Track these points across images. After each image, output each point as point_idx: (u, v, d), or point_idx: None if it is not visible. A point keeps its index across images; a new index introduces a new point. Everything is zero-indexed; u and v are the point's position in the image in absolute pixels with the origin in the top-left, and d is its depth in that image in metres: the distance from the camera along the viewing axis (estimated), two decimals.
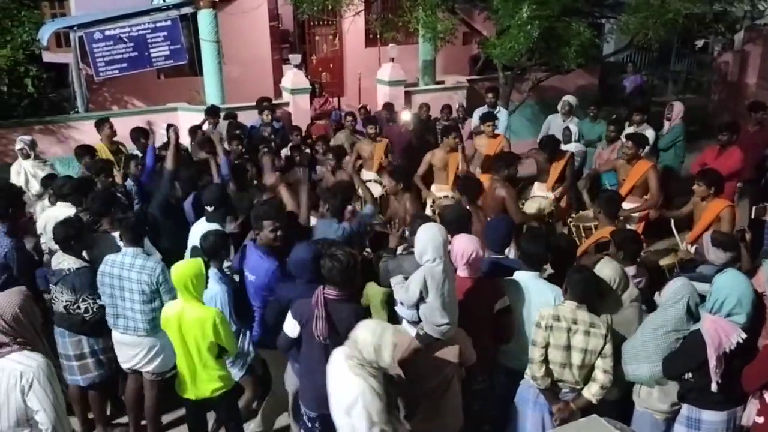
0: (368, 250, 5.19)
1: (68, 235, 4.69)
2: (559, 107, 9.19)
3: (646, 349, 3.91)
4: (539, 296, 4.16)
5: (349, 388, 3.27)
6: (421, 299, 3.61)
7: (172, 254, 5.18)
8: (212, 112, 8.71)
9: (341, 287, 3.80)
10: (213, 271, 4.57)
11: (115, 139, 7.71)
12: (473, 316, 3.94)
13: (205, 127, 8.42)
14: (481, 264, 4.16)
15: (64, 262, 4.73)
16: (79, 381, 4.92)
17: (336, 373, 3.39)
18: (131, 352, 4.74)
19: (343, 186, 5.72)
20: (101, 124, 7.71)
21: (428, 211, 7.00)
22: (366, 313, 3.96)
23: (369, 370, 3.28)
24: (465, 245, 3.97)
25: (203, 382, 4.21)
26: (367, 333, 3.28)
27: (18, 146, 7.29)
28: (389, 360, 3.27)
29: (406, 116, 9.22)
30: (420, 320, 3.72)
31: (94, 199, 5.37)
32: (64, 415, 3.43)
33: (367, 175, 8.03)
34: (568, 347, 3.89)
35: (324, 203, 5.55)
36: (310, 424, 4.08)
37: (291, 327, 3.94)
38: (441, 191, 7.37)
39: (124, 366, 4.86)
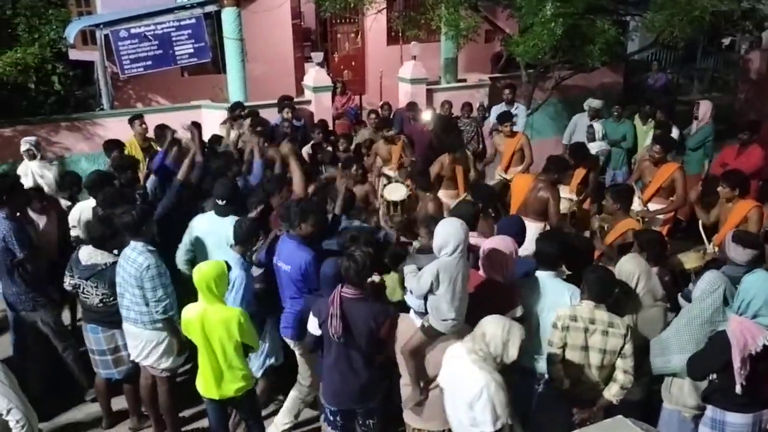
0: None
1: (104, 234, 4.77)
2: (585, 107, 9.13)
3: (679, 339, 3.89)
4: (556, 296, 4.14)
5: (473, 382, 3.32)
6: (431, 291, 3.65)
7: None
8: (235, 109, 8.73)
9: (358, 286, 3.85)
10: (236, 257, 4.61)
11: (148, 135, 7.79)
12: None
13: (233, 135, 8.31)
14: (506, 272, 4.14)
15: (95, 257, 4.79)
16: (115, 374, 5.03)
17: (457, 368, 3.44)
18: (134, 342, 4.79)
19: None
20: (134, 120, 7.83)
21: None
22: (383, 311, 3.93)
23: (493, 365, 3.35)
24: (498, 245, 3.98)
25: (227, 382, 4.25)
26: (496, 328, 3.37)
27: (24, 147, 7.34)
28: (515, 355, 3.36)
29: (427, 116, 9.19)
30: (426, 311, 3.74)
31: (104, 197, 5.46)
32: (28, 405, 3.47)
33: (388, 171, 8.04)
34: (585, 347, 3.88)
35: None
36: (332, 417, 4.19)
37: (313, 324, 4.02)
38: (449, 197, 7.19)
39: (132, 358, 4.89)
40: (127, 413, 5.34)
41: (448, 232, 3.65)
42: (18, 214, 5.38)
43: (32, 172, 7.28)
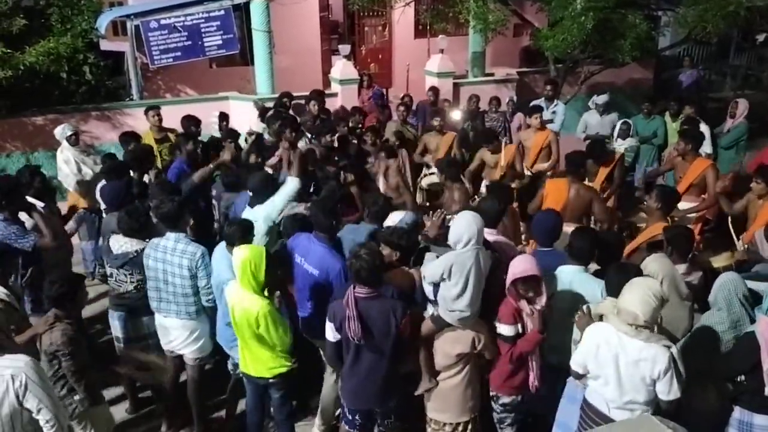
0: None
1: (132, 227, 4.81)
2: (591, 105, 9.04)
3: (701, 345, 3.84)
4: (583, 290, 4.10)
5: (659, 358, 3.36)
6: (441, 280, 3.68)
7: None
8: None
9: (370, 285, 3.79)
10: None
11: (164, 125, 7.85)
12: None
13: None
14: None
15: (126, 245, 4.83)
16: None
17: (631, 350, 3.43)
18: (172, 335, 4.81)
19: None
20: (148, 111, 7.87)
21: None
22: (400, 306, 3.89)
23: (658, 334, 3.45)
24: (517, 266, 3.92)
25: (261, 361, 4.22)
26: (635, 299, 3.39)
27: (68, 132, 7.40)
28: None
29: (456, 116, 9.14)
30: (436, 300, 3.76)
31: (102, 190, 5.52)
32: (61, 406, 3.49)
33: (432, 167, 8.03)
34: None
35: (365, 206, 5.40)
36: (350, 417, 4.16)
37: (330, 331, 3.94)
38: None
39: (165, 348, 4.91)
40: (149, 399, 5.41)
41: (461, 226, 3.70)
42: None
43: (74, 159, 7.37)
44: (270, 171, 6.34)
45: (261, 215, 5.05)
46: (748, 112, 8.32)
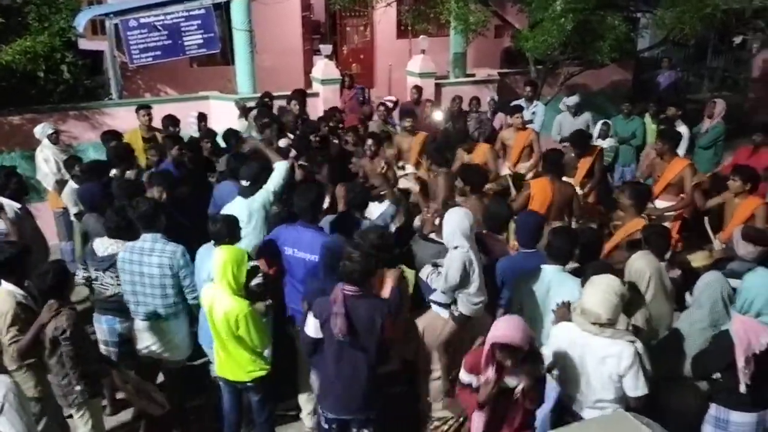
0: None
1: (120, 226, 4.75)
2: (562, 107, 9.12)
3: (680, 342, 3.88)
4: (562, 290, 4.11)
5: (624, 354, 3.39)
6: (464, 283, 3.70)
7: None
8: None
9: (360, 285, 3.78)
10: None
11: (153, 125, 7.81)
12: None
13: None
14: None
15: (112, 246, 4.76)
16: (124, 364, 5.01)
17: (595, 348, 3.46)
18: (150, 339, 4.74)
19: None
20: (139, 110, 7.86)
21: None
22: (385, 305, 3.90)
23: (624, 330, 3.50)
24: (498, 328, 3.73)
25: (239, 364, 4.21)
26: (598, 297, 3.42)
27: (49, 131, 7.37)
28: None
29: (438, 116, 9.16)
30: (448, 303, 3.76)
31: (82, 191, 5.47)
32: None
33: (407, 168, 8.02)
34: None
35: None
36: (326, 426, 4.08)
37: (312, 327, 3.90)
38: None
39: (143, 352, 4.82)
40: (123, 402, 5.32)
41: (455, 223, 3.74)
42: None
43: (54, 158, 7.28)
44: None
45: (256, 205, 5.05)
46: (725, 114, 8.44)
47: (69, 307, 4.03)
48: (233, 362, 4.23)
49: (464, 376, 3.57)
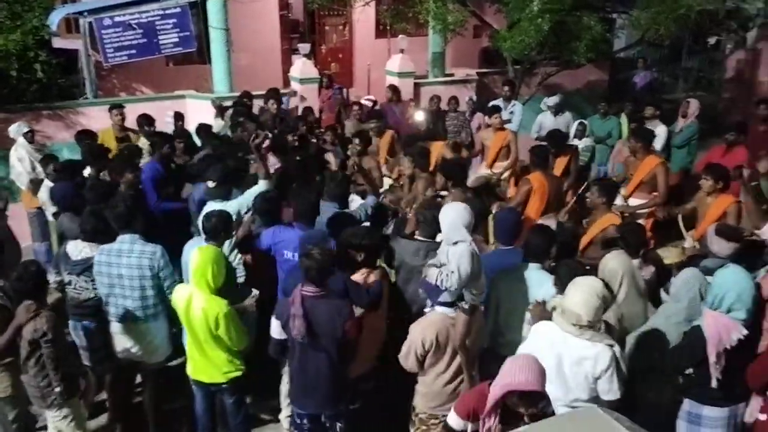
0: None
1: (96, 228, 4.68)
2: (543, 107, 9.20)
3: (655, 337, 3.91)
4: (539, 287, 4.14)
5: (601, 357, 3.40)
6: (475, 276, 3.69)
7: None
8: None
9: (318, 284, 3.78)
10: None
11: (126, 125, 7.73)
12: None
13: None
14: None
15: (86, 249, 4.68)
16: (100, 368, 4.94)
17: (574, 349, 3.45)
18: (129, 342, 4.67)
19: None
20: (111, 110, 7.76)
21: None
22: (346, 307, 3.87)
23: (602, 333, 3.47)
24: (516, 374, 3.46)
25: (216, 365, 4.18)
26: (581, 299, 3.41)
27: (24, 129, 7.26)
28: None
29: (419, 117, 9.17)
30: (454, 300, 3.72)
31: (55, 191, 5.41)
32: None
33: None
34: None
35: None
36: (299, 420, 4.11)
37: (276, 328, 3.92)
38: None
39: (122, 355, 4.75)
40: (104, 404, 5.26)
41: (454, 215, 3.73)
42: None
43: (29, 157, 7.17)
44: None
45: (232, 208, 5.01)
46: (699, 113, 8.54)
47: (49, 309, 3.98)
48: (209, 363, 4.20)
49: (454, 420, 3.22)
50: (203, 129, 7.54)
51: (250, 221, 5.04)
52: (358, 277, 4.30)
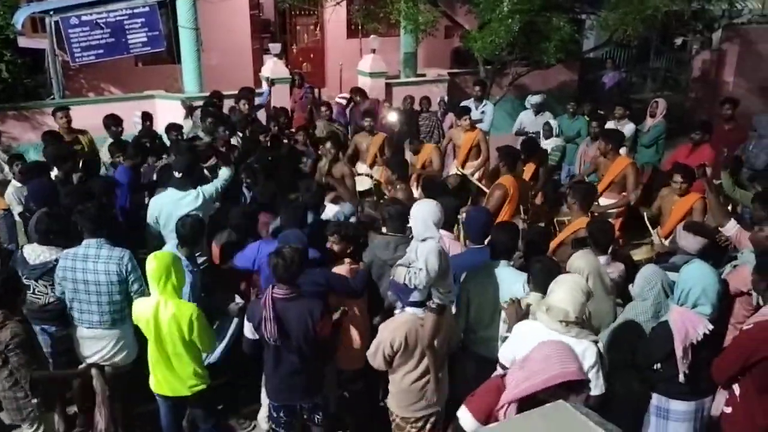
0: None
1: (50, 228, 4.59)
2: (527, 105, 9.29)
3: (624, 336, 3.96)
4: (510, 284, 4.18)
5: (588, 355, 3.39)
6: (443, 273, 3.69)
7: None
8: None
9: (289, 284, 3.77)
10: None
11: (81, 126, 7.57)
12: None
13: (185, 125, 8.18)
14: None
15: (44, 254, 4.57)
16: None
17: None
18: (96, 346, 4.57)
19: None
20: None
21: None
22: (318, 307, 3.87)
23: (587, 330, 3.49)
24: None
25: (180, 380, 4.15)
26: (565, 296, 3.42)
27: None
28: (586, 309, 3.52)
29: (392, 118, 9.19)
30: (423, 300, 3.73)
31: (28, 192, 5.32)
32: None
33: (360, 168, 8.00)
34: None
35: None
36: (275, 414, 4.14)
37: (248, 329, 3.95)
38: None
39: (88, 361, 4.63)
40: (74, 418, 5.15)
41: (424, 212, 3.73)
42: None
43: None
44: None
45: (205, 192, 5.25)
46: (667, 112, 8.69)
47: (17, 319, 3.88)
48: (174, 378, 4.17)
49: (469, 421, 2.97)
50: (173, 128, 7.45)
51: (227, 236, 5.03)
52: (342, 269, 4.38)
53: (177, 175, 5.23)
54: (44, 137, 7.12)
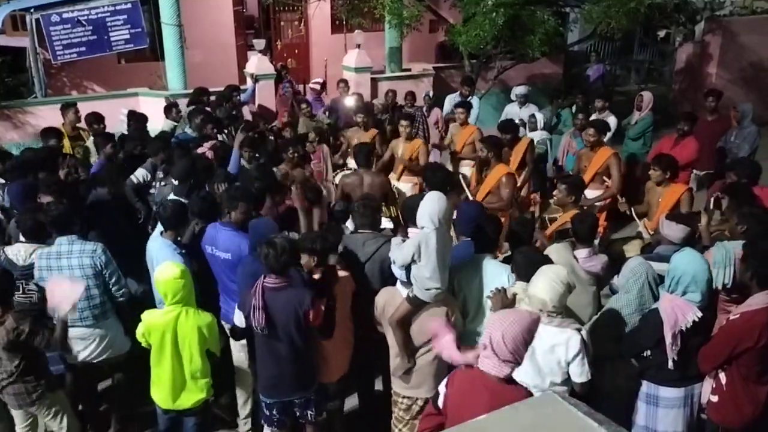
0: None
1: (37, 223, 4.55)
2: (513, 97, 9.30)
3: (609, 328, 3.99)
4: (495, 277, 4.19)
5: (571, 344, 3.53)
6: (413, 261, 3.71)
7: None
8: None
9: (279, 274, 3.79)
10: (167, 243, 4.52)
11: (78, 125, 7.51)
12: None
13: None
14: None
15: (26, 252, 4.53)
16: (61, 369, 4.78)
17: (544, 337, 3.47)
18: (82, 345, 4.55)
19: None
20: (67, 108, 7.50)
21: None
22: (308, 297, 3.87)
23: (568, 319, 3.63)
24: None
25: (188, 392, 4.11)
26: (545, 286, 3.50)
27: None
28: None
29: (350, 102, 9.14)
30: (410, 282, 3.79)
31: (11, 189, 5.31)
32: None
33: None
34: None
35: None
36: (267, 412, 4.13)
37: (239, 318, 4.01)
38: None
39: (80, 358, 4.61)
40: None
41: (426, 203, 3.75)
42: None
43: None
44: None
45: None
46: (653, 105, 8.73)
47: (13, 311, 3.91)
48: (184, 390, 4.11)
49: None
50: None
51: (194, 225, 4.93)
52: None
53: (175, 182, 5.23)
54: (43, 134, 7.00)
